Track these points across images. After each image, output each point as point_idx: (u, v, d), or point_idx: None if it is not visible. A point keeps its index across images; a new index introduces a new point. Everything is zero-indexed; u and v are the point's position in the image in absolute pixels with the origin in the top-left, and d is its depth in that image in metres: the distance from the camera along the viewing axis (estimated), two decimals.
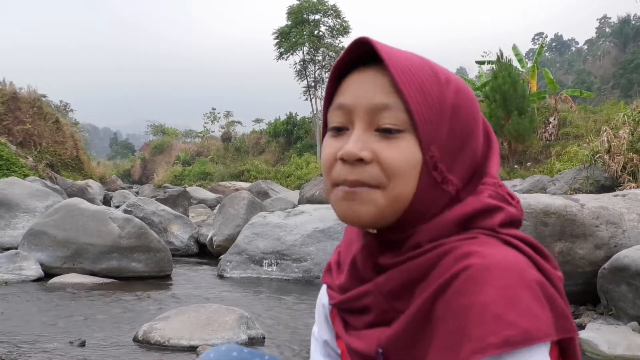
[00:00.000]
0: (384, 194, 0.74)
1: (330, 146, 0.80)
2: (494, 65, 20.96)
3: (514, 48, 24.03)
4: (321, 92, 32.07)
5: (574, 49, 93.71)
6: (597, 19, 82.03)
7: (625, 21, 61.47)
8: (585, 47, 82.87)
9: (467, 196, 0.77)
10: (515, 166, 19.50)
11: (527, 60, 26.22)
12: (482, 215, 0.75)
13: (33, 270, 6.82)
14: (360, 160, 0.75)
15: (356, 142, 0.75)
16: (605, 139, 10.47)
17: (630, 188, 8.75)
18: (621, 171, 9.72)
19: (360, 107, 0.76)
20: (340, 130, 0.79)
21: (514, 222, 0.78)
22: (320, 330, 0.98)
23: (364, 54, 0.79)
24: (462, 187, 0.78)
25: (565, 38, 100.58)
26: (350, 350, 0.82)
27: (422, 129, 0.73)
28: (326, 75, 31.83)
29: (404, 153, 0.74)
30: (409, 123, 0.74)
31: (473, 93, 0.81)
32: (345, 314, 0.84)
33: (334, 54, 31.28)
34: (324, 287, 0.97)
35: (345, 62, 0.81)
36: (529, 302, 0.65)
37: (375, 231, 0.80)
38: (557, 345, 0.71)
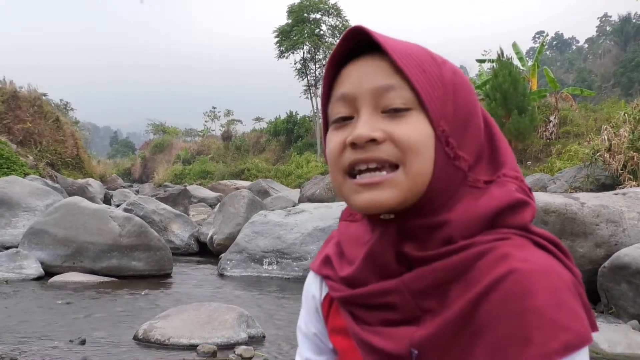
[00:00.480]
0: (404, 173, 0.72)
1: (336, 137, 0.77)
2: (494, 64, 20.95)
3: (514, 46, 24.00)
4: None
5: (574, 47, 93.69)
6: (598, 18, 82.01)
7: (626, 20, 61.43)
8: (586, 45, 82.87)
9: (486, 185, 0.76)
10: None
11: (527, 58, 26.20)
12: (511, 210, 0.75)
13: (33, 269, 6.83)
14: (373, 142, 0.73)
15: (365, 125, 0.73)
16: (606, 137, 10.46)
17: (630, 186, 8.74)
18: (622, 170, 9.71)
19: (363, 92, 0.75)
20: (345, 120, 0.77)
21: (531, 219, 0.77)
22: (309, 323, 0.94)
23: (359, 44, 0.78)
24: (473, 165, 0.77)
25: (565, 37, 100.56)
26: (369, 348, 0.77)
27: (429, 104, 0.73)
28: None
29: (416, 129, 0.72)
30: (415, 101, 0.73)
31: (468, 79, 0.80)
32: (354, 308, 0.80)
33: None
34: (311, 278, 0.94)
35: (340, 53, 0.79)
36: (575, 304, 0.67)
37: (392, 216, 0.76)
38: None
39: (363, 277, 0.79)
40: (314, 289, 0.92)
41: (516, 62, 22.46)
